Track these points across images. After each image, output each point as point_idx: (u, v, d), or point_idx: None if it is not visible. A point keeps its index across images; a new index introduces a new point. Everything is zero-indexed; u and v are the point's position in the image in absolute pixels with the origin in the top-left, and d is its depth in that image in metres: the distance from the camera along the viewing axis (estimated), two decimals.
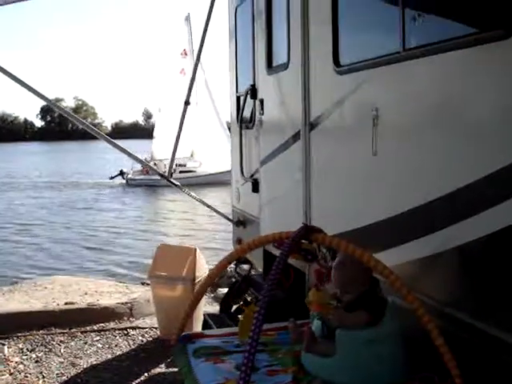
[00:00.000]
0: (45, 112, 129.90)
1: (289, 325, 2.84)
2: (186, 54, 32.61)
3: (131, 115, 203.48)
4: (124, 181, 35.11)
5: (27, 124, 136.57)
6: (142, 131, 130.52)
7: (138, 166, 31.58)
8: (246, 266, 6.65)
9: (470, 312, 2.58)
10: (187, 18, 33.78)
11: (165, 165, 23.15)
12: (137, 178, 34.33)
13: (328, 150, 4.02)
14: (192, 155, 33.68)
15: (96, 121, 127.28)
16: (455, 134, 2.72)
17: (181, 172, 30.29)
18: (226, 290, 8.19)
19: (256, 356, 2.88)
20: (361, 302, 2.66)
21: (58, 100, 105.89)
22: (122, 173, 35.34)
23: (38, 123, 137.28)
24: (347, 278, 2.69)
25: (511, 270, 2.38)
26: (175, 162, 7.07)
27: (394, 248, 3.17)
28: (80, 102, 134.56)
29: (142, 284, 9.54)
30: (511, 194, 2.34)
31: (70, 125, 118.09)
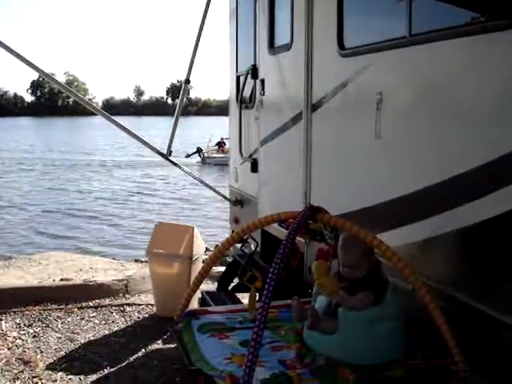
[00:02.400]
0: (35, 87, 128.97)
1: (292, 302, 2.90)
2: None
3: (123, 92, 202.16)
4: (200, 159, 33.62)
5: (17, 99, 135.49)
6: (134, 108, 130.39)
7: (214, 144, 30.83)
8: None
9: (470, 292, 2.65)
10: None
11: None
12: (212, 156, 33.57)
13: (330, 131, 4.06)
14: None
15: (87, 97, 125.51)
16: (458, 120, 2.77)
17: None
18: (220, 268, 8.28)
19: None
20: (368, 280, 2.73)
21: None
22: (198, 150, 33.67)
23: (28, 98, 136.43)
24: (356, 256, 2.75)
25: (508, 252, 2.46)
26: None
27: (395, 230, 3.24)
28: (71, 78, 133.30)
29: (136, 261, 9.60)
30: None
31: (61, 100, 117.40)
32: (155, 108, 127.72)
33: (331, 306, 2.75)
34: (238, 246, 7.27)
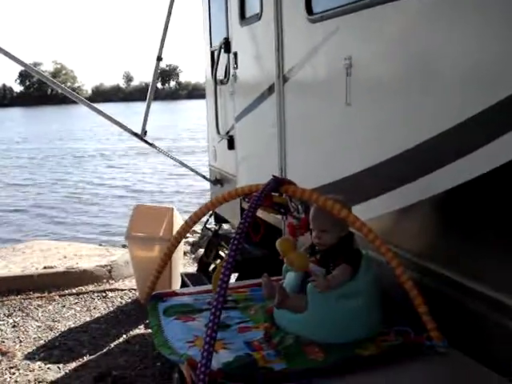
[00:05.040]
0: (24, 77, 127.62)
1: (262, 280, 2.75)
2: None
3: (112, 78, 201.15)
4: None
5: (6, 90, 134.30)
6: (124, 94, 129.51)
7: None
8: (225, 226, 6.59)
9: (444, 263, 2.51)
10: None
11: None
12: None
13: (302, 102, 3.90)
14: None
15: (76, 84, 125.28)
16: (430, 83, 2.61)
17: None
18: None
19: (228, 313, 2.83)
20: (340, 249, 2.58)
21: (37, 64, 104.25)
22: None
23: (17, 88, 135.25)
24: (328, 220, 2.59)
25: (481, 220, 2.32)
26: None
27: (369, 201, 3.09)
28: (59, 66, 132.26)
29: (123, 246, 9.46)
30: (483, 142, 2.25)
31: (50, 89, 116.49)
32: (145, 93, 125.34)
33: (300, 282, 2.61)
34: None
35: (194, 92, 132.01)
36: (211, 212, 6.58)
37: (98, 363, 4.69)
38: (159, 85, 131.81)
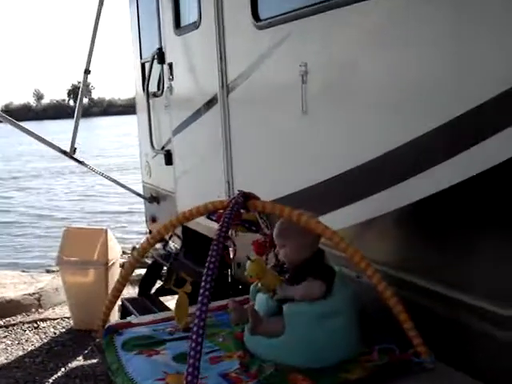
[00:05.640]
0: None
1: (229, 304, 2.54)
2: None
3: (22, 96, 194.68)
4: None
5: None
6: (34, 113, 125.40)
7: None
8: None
9: (425, 275, 2.40)
10: None
11: None
12: None
13: (250, 112, 3.73)
14: None
15: None
16: (390, 90, 2.51)
17: None
18: (141, 270, 7.82)
19: None
20: (312, 266, 2.41)
21: None
22: None
23: None
24: (299, 236, 2.41)
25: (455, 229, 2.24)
26: None
27: (328, 214, 2.94)
28: None
29: (48, 272, 8.98)
30: (457, 151, 2.16)
31: None
32: (56, 111, 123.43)
33: (274, 304, 2.41)
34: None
35: (109, 109, 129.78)
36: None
37: None
38: (71, 102, 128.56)
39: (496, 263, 2.10)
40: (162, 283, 5.24)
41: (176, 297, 5.48)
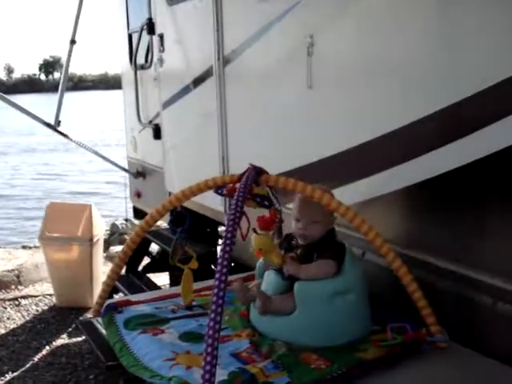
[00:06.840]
0: None
1: (233, 286, 2.46)
2: None
3: None
4: None
5: None
6: (5, 87, 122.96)
7: None
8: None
9: (440, 254, 2.35)
10: None
11: None
12: None
13: (249, 86, 3.62)
14: None
15: None
16: (401, 63, 2.44)
17: None
18: (118, 247, 7.70)
19: (198, 321, 2.54)
20: (324, 244, 2.35)
21: None
22: None
23: None
24: (319, 211, 2.34)
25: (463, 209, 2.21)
26: None
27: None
28: None
29: (24, 248, 8.79)
30: (466, 131, 2.11)
31: None
32: (28, 85, 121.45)
33: (284, 281, 2.34)
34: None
35: (80, 84, 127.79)
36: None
37: (23, 381, 4.21)
38: (42, 76, 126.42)
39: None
40: (149, 259, 5.14)
41: (160, 275, 5.41)
